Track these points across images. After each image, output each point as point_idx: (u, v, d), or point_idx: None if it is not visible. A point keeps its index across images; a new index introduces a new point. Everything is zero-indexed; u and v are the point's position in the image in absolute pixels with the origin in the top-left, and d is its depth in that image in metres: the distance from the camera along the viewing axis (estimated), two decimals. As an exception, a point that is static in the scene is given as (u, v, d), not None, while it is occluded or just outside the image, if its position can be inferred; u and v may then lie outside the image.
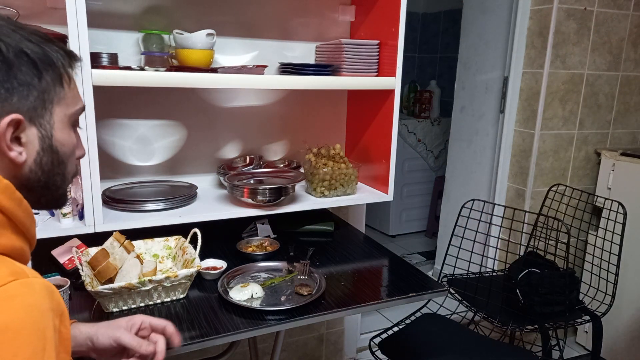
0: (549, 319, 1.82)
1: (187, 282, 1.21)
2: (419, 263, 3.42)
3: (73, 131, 0.74)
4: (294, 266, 1.38)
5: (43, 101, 0.67)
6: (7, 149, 0.63)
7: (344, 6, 1.77)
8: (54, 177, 0.71)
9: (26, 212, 0.66)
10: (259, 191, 1.46)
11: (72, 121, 0.73)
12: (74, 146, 0.74)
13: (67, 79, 0.71)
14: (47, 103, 0.68)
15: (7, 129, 0.62)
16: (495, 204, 2.28)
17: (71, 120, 0.72)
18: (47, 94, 0.67)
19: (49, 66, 0.67)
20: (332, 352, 2.25)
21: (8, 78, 0.62)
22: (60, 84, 0.69)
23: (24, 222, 0.65)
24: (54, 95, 0.68)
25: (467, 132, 2.65)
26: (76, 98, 0.73)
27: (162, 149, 1.64)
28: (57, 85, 0.69)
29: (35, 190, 0.69)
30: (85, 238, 1.31)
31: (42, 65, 0.66)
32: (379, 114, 1.66)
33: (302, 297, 1.22)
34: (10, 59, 0.63)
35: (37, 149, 0.67)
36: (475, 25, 2.54)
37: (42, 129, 0.67)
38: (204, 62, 1.45)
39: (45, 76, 0.67)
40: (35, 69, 0.65)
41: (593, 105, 2.31)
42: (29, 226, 0.67)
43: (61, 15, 1.22)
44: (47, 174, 0.70)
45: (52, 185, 0.71)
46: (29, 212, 0.67)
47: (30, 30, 0.66)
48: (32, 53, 0.65)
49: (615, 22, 2.23)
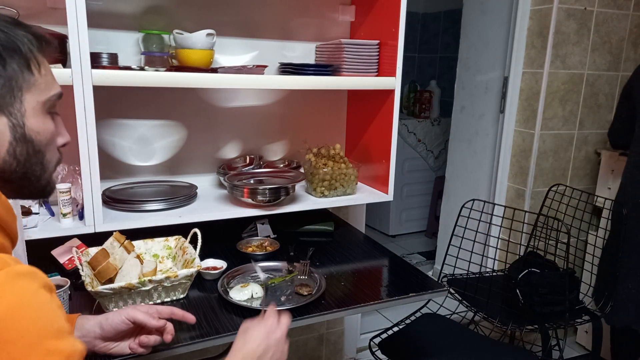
0: (549, 319, 1.82)
1: (187, 282, 1.21)
2: (419, 263, 3.42)
3: (50, 118, 0.71)
4: (294, 266, 1.38)
5: (11, 89, 0.64)
6: None
7: (344, 6, 1.77)
8: (32, 167, 0.69)
9: (5, 208, 0.65)
10: (259, 191, 1.46)
11: (47, 108, 0.70)
12: (52, 134, 0.71)
13: (35, 64, 0.67)
14: (16, 91, 0.65)
15: None
16: (495, 204, 2.28)
17: (45, 107, 0.70)
18: (14, 81, 0.65)
19: (14, 52, 0.65)
20: (332, 352, 2.25)
21: None
22: (29, 70, 0.66)
23: (4, 218, 0.65)
24: (22, 82, 0.66)
25: (467, 132, 2.65)
26: (49, 84, 0.70)
27: (162, 149, 1.64)
28: (26, 72, 0.66)
29: (14, 181, 0.68)
30: (85, 238, 1.31)
31: (5, 52, 0.64)
32: (379, 114, 1.66)
33: (302, 297, 1.22)
34: None
35: (9, 139, 0.65)
36: (475, 25, 2.54)
37: (13, 117, 0.65)
38: (204, 62, 1.45)
39: (11, 63, 0.64)
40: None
41: (593, 105, 2.31)
42: (10, 222, 0.66)
43: (61, 15, 1.21)
44: (23, 165, 0.68)
45: (31, 175, 0.70)
46: (9, 207, 0.66)
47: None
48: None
49: (615, 22, 2.23)
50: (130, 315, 0.92)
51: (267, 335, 0.92)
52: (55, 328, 0.57)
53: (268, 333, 0.92)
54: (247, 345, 0.89)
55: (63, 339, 0.58)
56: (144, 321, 0.93)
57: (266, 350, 0.90)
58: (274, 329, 0.94)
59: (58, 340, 0.57)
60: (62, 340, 0.57)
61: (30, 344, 0.53)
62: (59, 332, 0.57)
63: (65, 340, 0.58)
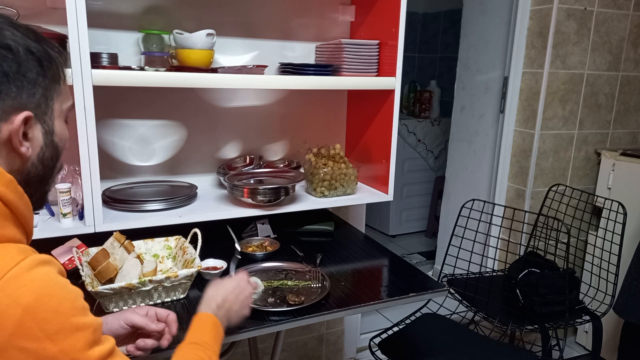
0: (549, 319, 1.82)
1: (187, 282, 1.21)
2: (419, 263, 3.42)
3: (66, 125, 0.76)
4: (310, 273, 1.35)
5: (46, 98, 0.69)
6: (19, 145, 0.66)
7: (344, 6, 1.77)
8: (50, 171, 0.74)
9: (26, 205, 0.68)
10: (259, 191, 1.46)
11: (65, 116, 0.75)
12: (67, 140, 0.76)
13: (62, 76, 0.73)
14: (49, 100, 0.70)
15: (21, 125, 0.65)
16: (495, 204, 2.28)
17: (64, 115, 0.75)
18: (49, 91, 0.69)
19: (50, 64, 0.69)
20: (332, 352, 2.25)
21: (18, 76, 0.65)
22: (58, 81, 0.71)
23: (25, 215, 0.68)
24: (54, 92, 0.71)
25: (467, 132, 2.65)
26: (68, 94, 0.76)
27: (162, 149, 1.64)
28: (56, 82, 0.71)
29: (32, 185, 0.71)
30: (85, 238, 1.31)
31: (45, 63, 0.68)
32: (379, 114, 1.66)
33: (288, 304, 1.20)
34: (20, 57, 0.65)
35: (41, 144, 0.70)
36: (475, 25, 2.54)
37: (46, 125, 0.70)
38: (204, 62, 1.45)
39: (48, 74, 0.69)
40: (40, 66, 0.67)
41: (593, 105, 2.31)
42: (29, 219, 0.70)
43: (61, 15, 1.21)
44: (46, 168, 0.72)
45: (45, 179, 0.74)
46: (29, 205, 0.69)
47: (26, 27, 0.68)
48: (36, 51, 0.67)
49: (615, 22, 2.23)
50: (128, 319, 0.94)
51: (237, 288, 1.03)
52: (79, 306, 0.63)
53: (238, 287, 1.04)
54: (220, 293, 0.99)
55: (87, 315, 0.64)
56: (143, 325, 0.94)
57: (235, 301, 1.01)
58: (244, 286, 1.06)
59: (84, 317, 0.63)
60: (87, 317, 0.63)
61: (62, 322, 0.59)
62: (83, 309, 0.64)
63: (89, 315, 0.64)
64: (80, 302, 0.63)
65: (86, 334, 0.62)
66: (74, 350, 0.60)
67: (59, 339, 0.59)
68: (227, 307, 0.98)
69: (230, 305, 0.99)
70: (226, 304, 0.98)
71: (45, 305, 0.58)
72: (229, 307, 0.99)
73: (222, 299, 0.98)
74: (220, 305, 0.97)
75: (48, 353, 0.58)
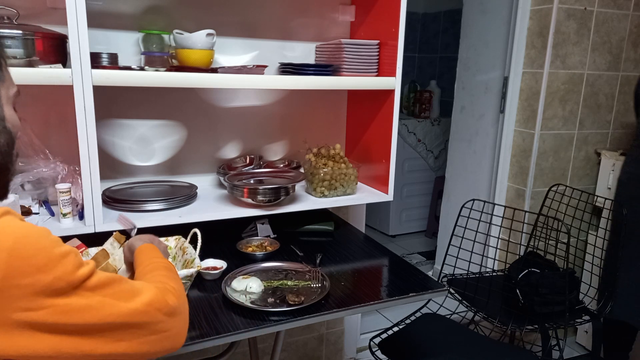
0: (549, 319, 1.82)
1: (187, 283, 1.20)
2: (419, 263, 3.42)
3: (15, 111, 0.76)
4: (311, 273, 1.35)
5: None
6: None
7: (344, 6, 1.77)
8: (8, 157, 0.74)
9: None
10: (259, 191, 1.46)
11: (13, 103, 0.76)
12: (19, 126, 0.76)
13: (4, 62, 0.73)
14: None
15: None
16: (495, 204, 2.28)
17: (11, 101, 0.75)
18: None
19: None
20: (332, 352, 2.25)
21: None
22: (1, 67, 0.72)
23: None
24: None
25: (467, 132, 2.65)
26: (12, 79, 0.76)
27: (162, 149, 1.64)
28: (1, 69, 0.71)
29: None
30: (85, 238, 1.31)
31: None
32: (379, 114, 1.66)
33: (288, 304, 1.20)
34: None
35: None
36: (475, 25, 2.54)
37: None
38: (204, 62, 1.45)
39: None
40: None
41: (593, 105, 2.31)
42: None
43: (61, 15, 1.21)
44: (3, 155, 0.72)
45: (5, 168, 0.74)
46: None
47: None
48: None
49: (615, 22, 2.23)
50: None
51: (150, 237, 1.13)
52: (54, 239, 0.67)
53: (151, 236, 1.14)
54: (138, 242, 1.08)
55: (64, 244, 0.68)
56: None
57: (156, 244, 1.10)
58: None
59: (63, 246, 0.67)
60: (65, 245, 0.68)
61: (47, 255, 0.64)
62: (58, 241, 0.68)
63: (66, 244, 0.69)
64: (53, 236, 0.67)
65: (71, 257, 0.67)
66: (66, 273, 0.65)
67: (49, 269, 0.63)
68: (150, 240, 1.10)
69: (152, 239, 1.11)
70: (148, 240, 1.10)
71: (27, 245, 0.63)
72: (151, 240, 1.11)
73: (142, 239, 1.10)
74: (144, 239, 1.10)
75: (44, 282, 0.63)
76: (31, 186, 1.36)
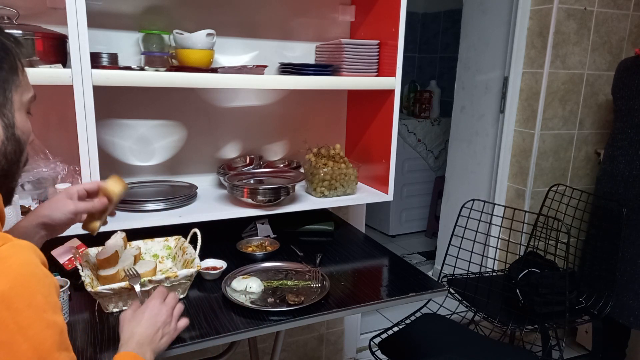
0: (549, 319, 1.82)
1: (187, 283, 1.21)
2: (419, 263, 3.42)
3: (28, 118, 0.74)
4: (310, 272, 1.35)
5: (4, 90, 0.67)
6: None
7: (344, 6, 1.77)
8: (14, 165, 0.72)
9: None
10: (259, 191, 1.46)
11: (27, 108, 0.73)
12: (30, 133, 0.74)
13: (20, 67, 0.70)
14: (7, 92, 0.68)
15: None
16: (495, 204, 2.28)
17: (25, 107, 0.73)
18: (6, 83, 0.67)
19: (6, 55, 0.67)
20: (332, 352, 2.25)
21: None
22: (16, 72, 0.69)
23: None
24: (12, 84, 0.68)
25: (467, 132, 2.65)
26: (28, 84, 0.73)
27: (162, 149, 1.64)
28: (13, 74, 0.69)
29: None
30: (85, 238, 1.31)
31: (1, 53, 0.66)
32: (379, 114, 1.66)
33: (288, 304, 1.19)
34: None
35: (2, 138, 0.68)
36: (475, 25, 2.54)
37: (5, 118, 0.68)
38: (204, 62, 1.45)
39: (4, 65, 0.67)
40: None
41: (593, 105, 2.31)
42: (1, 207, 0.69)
43: (61, 15, 1.21)
44: (9, 163, 0.70)
45: (10, 174, 0.72)
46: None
47: None
48: None
49: (615, 22, 2.23)
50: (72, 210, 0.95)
51: (153, 317, 0.94)
52: (53, 302, 0.61)
53: (155, 315, 0.94)
54: (137, 329, 0.91)
55: (58, 314, 0.62)
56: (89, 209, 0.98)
57: (156, 331, 0.92)
58: (158, 311, 0.95)
59: (55, 315, 0.61)
60: (57, 315, 0.62)
61: (34, 315, 0.58)
62: (56, 306, 0.62)
63: (60, 315, 0.63)
64: (53, 299, 0.62)
65: (54, 333, 0.60)
66: (43, 347, 0.59)
67: (30, 334, 0.58)
68: (147, 340, 0.90)
69: (151, 337, 0.91)
70: (145, 339, 0.90)
71: (19, 297, 0.57)
72: (150, 338, 0.91)
73: (139, 335, 0.90)
74: (140, 342, 0.89)
75: (20, 348, 0.57)
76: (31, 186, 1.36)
